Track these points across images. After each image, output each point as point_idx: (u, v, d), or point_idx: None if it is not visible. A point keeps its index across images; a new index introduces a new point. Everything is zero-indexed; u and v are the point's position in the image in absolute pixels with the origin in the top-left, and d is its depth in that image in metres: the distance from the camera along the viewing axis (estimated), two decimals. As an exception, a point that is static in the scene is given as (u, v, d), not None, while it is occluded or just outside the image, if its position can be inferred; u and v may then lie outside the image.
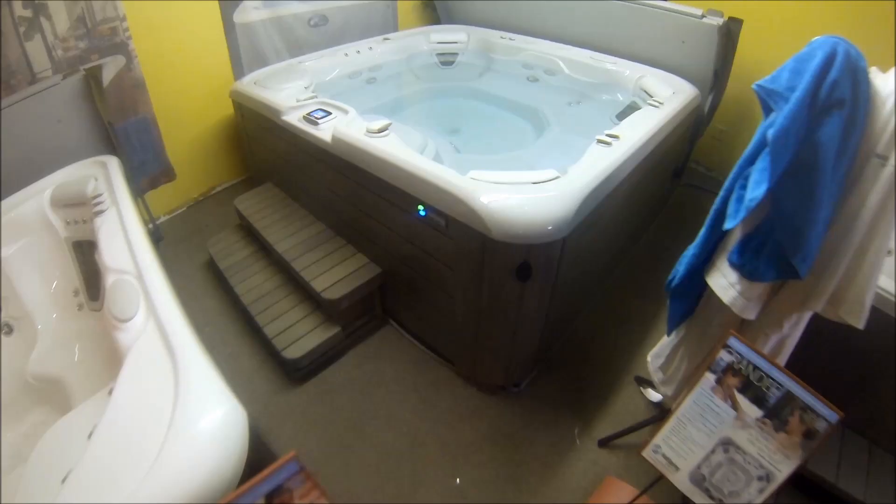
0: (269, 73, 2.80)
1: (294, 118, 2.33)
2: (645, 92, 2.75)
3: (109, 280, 1.60)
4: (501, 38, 3.36)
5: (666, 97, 2.54)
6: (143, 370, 1.31)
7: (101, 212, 1.90)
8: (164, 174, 3.01)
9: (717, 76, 2.79)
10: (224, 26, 2.91)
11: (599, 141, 1.98)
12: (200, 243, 2.85)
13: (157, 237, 2.61)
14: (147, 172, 2.92)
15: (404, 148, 1.93)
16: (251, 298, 2.34)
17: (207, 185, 3.30)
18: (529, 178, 1.70)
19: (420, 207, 1.79)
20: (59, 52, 2.37)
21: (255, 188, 2.89)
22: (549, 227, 1.56)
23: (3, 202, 2.05)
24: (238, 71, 3.02)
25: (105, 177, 2.09)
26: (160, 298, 1.48)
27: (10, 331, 1.97)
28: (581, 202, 1.63)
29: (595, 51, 3.11)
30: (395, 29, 3.68)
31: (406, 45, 3.36)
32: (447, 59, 3.48)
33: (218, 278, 2.61)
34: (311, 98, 2.47)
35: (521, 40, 3.31)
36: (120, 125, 2.67)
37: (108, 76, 2.57)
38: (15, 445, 1.72)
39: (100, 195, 1.98)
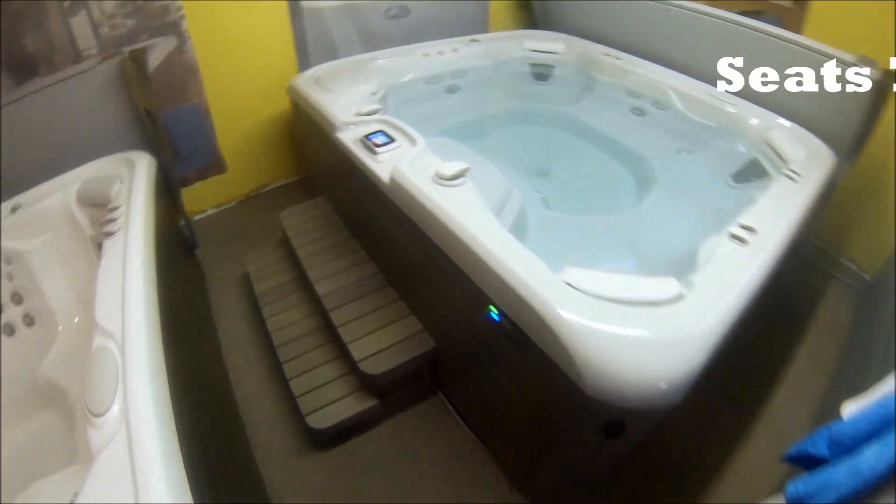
0: (333, 70, 2.48)
1: (349, 138, 2.00)
2: (771, 149, 2.27)
3: (94, 342, 1.30)
4: (606, 54, 2.89)
5: (800, 163, 2.05)
6: (105, 494, 1.01)
7: (110, 234, 1.62)
8: (214, 166, 2.74)
9: (858, 140, 2.28)
10: (290, 10, 2.59)
11: (733, 236, 1.54)
12: (243, 248, 2.58)
13: (191, 245, 2.33)
14: (195, 163, 2.66)
15: (479, 209, 1.55)
16: (281, 339, 2.04)
17: (259, 182, 3.03)
18: (645, 294, 1.26)
19: (492, 309, 1.40)
20: (105, 30, 2.08)
21: (305, 202, 2.58)
22: (664, 387, 1.12)
23: (29, 193, 1.90)
24: (303, 61, 2.70)
25: (129, 180, 1.83)
26: (142, 390, 1.16)
27: (31, 322, 1.83)
28: (713, 347, 1.19)
29: (712, 84, 2.62)
30: (485, 29, 3.26)
31: (496, 49, 2.94)
32: (542, 72, 3.05)
33: (252, 299, 2.32)
34: (374, 112, 2.12)
35: (628, 61, 2.83)
36: (169, 112, 2.40)
37: (156, 59, 2.29)
38: (21, 445, 1.60)
39: (116, 209, 1.71)
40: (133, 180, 1.84)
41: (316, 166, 2.64)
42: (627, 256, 2.04)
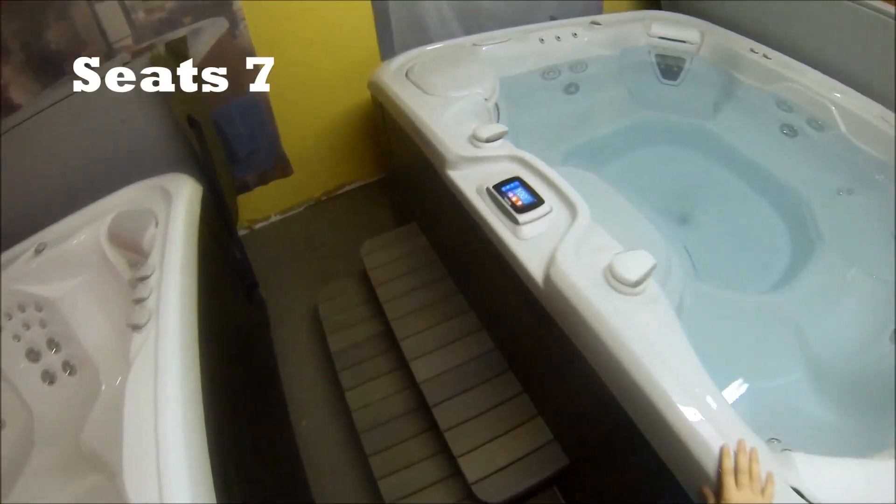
0: (429, 60, 1.95)
1: (469, 183, 1.49)
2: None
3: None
4: (752, 51, 2.34)
5: None
6: None
7: (141, 301, 1.26)
8: (278, 169, 2.28)
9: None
10: None
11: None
12: (314, 271, 2.18)
13: (251, 285, 1.91)
14: (255, 166, 2.20)
15: (676, 343, 1.09)
16: (365, 422, 1.65)
17: (334, 183, 2.56)
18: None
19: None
20: (140, 16, 1.58)
21: (393, 231, 2.10)
22: None
23: (54, 228, 1.55)
24: (386, 45, 2.17)
25: (166, 218, 1.45)
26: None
27: (72, 371, 1.52)
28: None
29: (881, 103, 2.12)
30: (599, 10, 2.67)
31: (619, 35, 2.37)
32: (670, 66, 2.49)
33: (325, 346, 1.92)
34: (500, 137, 1.58)
35: (779, 61, 2.29)
36: (222, 107, 1.90)
37: (204, 46, 1.79)
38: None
39: (145, 279, 1.31)
40: (170, 219, 1.44)
41: (409, 183, 2.17)
42: (798, 362, 1.63)
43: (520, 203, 1.38)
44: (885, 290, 1.81)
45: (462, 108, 1.73)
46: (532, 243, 1.32)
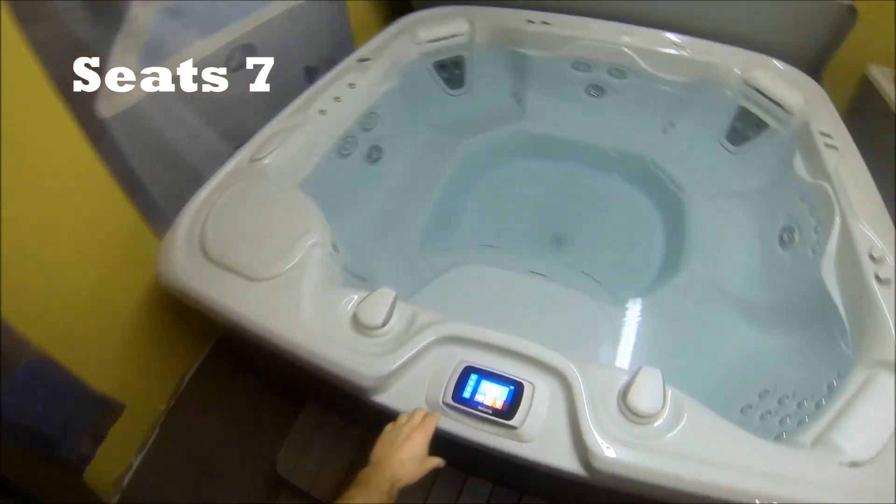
0: (220, 221, 1.38)
1: (410, 405, 1.07)
2: (761, 93, 1.90)
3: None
4: (529, 21, 2.13)
5: (799, 106, 1.78)
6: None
7: None
8: (106, 414, 1.62)
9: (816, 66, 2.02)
10: (84, 133, 1.36)
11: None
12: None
13: None
14: (80, 431, 1.52)
15: None
16: None
17: (171, 382, 1.91)
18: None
19: None
20: None
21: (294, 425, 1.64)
22: None
23: None
24: (146, 204, 1.57)
25: None
26: None
27: None
28: None
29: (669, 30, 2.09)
30: (348, 36, 2.22)
31: (390, 61, 1.97)
32: (451, 75, 2.20)
33: None
34: (392, 307, 1.16)
35: (559, 23, 2.12)
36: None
37: None
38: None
39: None
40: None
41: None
42: (726, 312, 1.65)
43: (501, 405, 1.03)
44: (749, 200, 1.88)
45: (311, 282, 1.24)
46: (543, 439, 1.02)
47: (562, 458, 0.99)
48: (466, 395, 1.04)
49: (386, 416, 1.06)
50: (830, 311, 1.32)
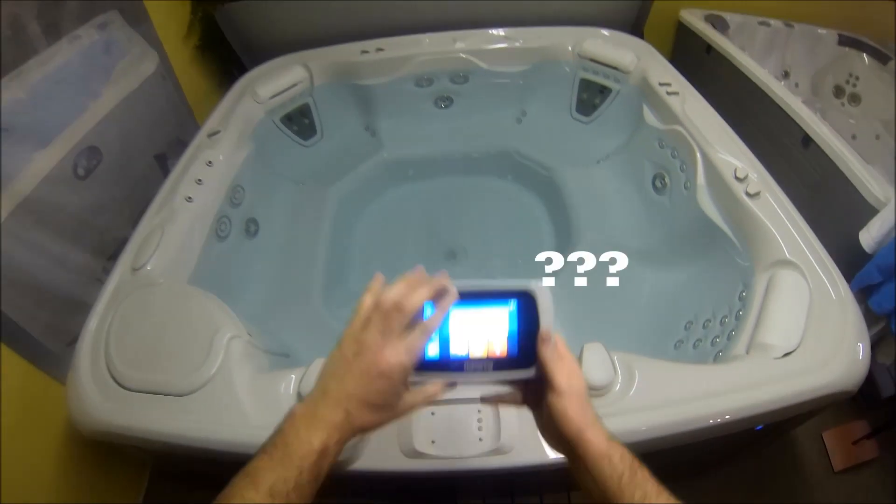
0: (123, 338, 1.21)
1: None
2: (596, 62, 2.05)
3: None
4: (364, 52, 2.12)
5: (633, 65, 1.97)
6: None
7: None
8: None
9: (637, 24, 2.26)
10: None
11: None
12: None
13: None
14: None
15: None
16: None
17: None
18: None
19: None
20: None
21: None
22: None
23: None
24: (27, 345, 1.36)
25: None
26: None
27: None
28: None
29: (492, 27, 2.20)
30: (188, 111, 2.10)
31: (239, 128, 1.84)
32: (301, 126, 2.15)
33: None
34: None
35: (393, 46, 2.13)
36: None
37: None
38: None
39: None
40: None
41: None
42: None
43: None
44: (614, 161, 2.03)
45: (244, 377, 1.14)
46: (521, 444, 1.01)
47: (543, 454, 1.00)
48: None
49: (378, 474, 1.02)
50: (719, 234, 1.47)
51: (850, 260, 1.42)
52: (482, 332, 0.62)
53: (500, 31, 2.15)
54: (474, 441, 1.00)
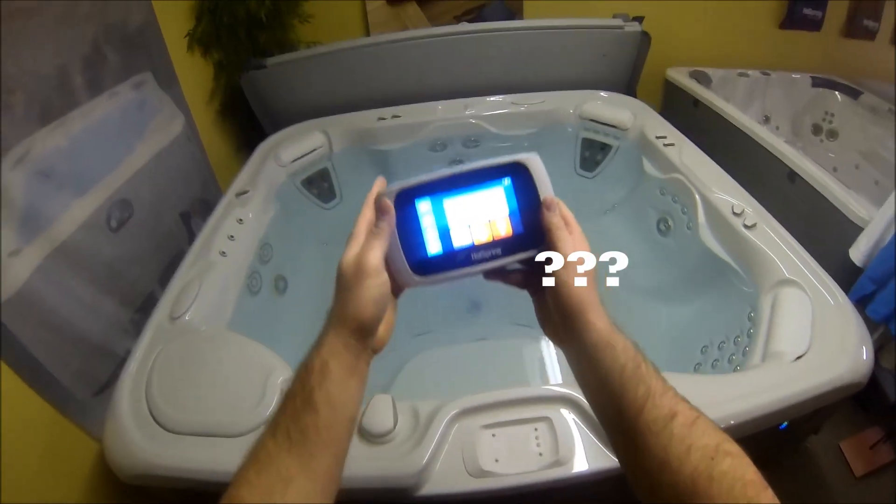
0: (163, 379, 1.22)
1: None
2: (596, 122, 2.21)
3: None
4: (381, 118, 2.25)
5: (630, 122, 2.14)
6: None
7: None
8: None
9: (630, 85, 2.45)
10: None
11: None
12: None
13: None
14: None
15: None
16: None
17: None
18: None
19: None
20: None
21: None
22: None
23: None
24: (55, 392, 1.34)
25: None
26: None
27: None
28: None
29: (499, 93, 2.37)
30: (211, 173, 2.18)
31: (265, 188, 1.93)
32: (321, 189, 2.24)
33: None
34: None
35: (409, 113, 2.27)
36: None
37: None
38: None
39: None
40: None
41: None
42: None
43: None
44: (620, 211, 2.17)
45: None
46: (579, 454, 1.03)
47: (599, 462, 1.04)
48: None
49: (447, 497, 1.05)
50: (723, 266, 1.59)
51: (844, 278, 1.56)
52: (482, 216, 0.60)
53: (509, 98, 2.30)
54: (534, 456, 1.04)
